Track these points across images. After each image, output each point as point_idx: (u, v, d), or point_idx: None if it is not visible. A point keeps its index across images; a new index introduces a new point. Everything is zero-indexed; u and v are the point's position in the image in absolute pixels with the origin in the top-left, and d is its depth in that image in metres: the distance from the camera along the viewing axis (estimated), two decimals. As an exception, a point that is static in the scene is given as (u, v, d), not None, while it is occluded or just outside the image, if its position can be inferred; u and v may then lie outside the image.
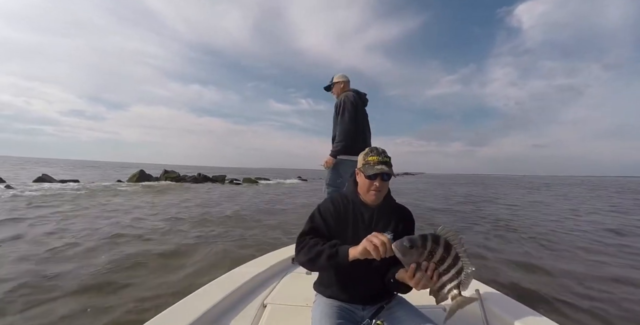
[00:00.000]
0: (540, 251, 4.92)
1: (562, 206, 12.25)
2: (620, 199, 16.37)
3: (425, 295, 1.59)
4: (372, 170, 1.20)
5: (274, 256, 2.22)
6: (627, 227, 7.28)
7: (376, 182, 1.21)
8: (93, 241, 4.61)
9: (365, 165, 1.23)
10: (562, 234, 6.33)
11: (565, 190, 25.49)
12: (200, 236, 5.30)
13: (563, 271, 3.88)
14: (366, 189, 1.24)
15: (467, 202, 13.30)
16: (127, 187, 15.29)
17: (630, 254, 4.83)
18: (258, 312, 1.50)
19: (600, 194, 21.34)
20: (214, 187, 18.45)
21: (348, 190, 1.36)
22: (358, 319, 1.21)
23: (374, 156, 1.24)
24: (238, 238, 5.29)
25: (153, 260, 3.83)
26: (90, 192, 12.17)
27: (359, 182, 1.28)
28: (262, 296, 1.66)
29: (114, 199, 10.28)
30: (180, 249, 4.41)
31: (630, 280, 3.58)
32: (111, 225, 5.92)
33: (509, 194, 19.26)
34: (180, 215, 7.42)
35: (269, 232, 5.92)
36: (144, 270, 3.48)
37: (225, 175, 25.13)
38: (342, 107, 2.59)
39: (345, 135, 2.54)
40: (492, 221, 7.86)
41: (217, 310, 1.43)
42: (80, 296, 2.76)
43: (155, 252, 4.13)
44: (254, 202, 11.04)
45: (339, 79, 2.82)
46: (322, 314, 1.16)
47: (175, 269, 3.58)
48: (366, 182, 1.23)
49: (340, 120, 2.58)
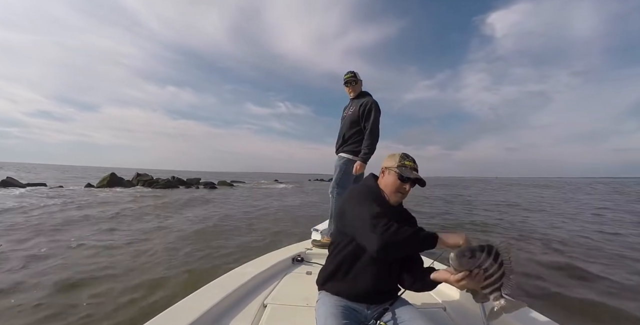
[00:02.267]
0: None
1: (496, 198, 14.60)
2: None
3: (425, 296, 1.69)
4: (411, 174, 1.24)
5: (274, 256, 2.21)
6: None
7: (407, 186, 1.25)
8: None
9: (402, 168, 1.25)
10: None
11: (521, 190, 27.79)
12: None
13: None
14: (394, 189, 1.26)
15: (442, 201, 14.60)
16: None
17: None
18: (258, 312, 1.49)
19: (552, 193, 23.55)
20: (186, 192, 17.58)
21: (369, 183, 1.36)
22: (362, 319, 1.21)
23: (410, 162, 1.28)
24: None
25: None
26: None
27: (386, 181, 1.29)
28: (262, 296, 1.65)
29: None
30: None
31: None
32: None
33: (480, 194, 21.08)
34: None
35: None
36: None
37: (199, 178, 24.70)
38: (373, 111, 2.50)
39: (376, 141, 2.50)
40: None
41: (217, 310, 1.43)
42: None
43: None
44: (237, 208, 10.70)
45: (360, 77, 2.71)
46: (327, 313, 1.14)
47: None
48: (397, 183, 1.25)
49: (373, 128, 2.49)
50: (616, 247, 5.44)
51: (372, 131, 2.47)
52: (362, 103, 2.54)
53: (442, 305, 1.61)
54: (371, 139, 2.47)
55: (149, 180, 20.90)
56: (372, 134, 2.47)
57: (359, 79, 2.67)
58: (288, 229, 6.86)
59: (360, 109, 2.53)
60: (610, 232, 6.80)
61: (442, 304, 1.64)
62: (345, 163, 2.55)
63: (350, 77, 2.65)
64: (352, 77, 2.65)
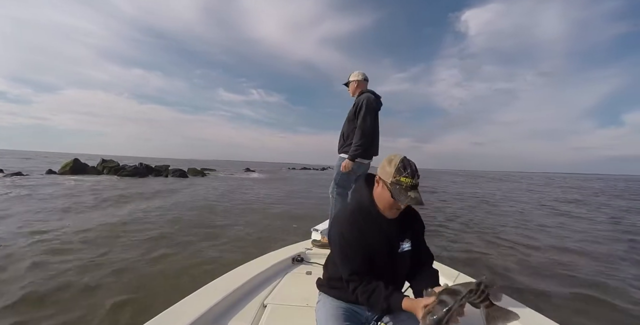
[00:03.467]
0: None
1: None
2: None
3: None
4: (404, 197, 1.05)
5: (274, 256, 2.21)
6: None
7: (402, 205, 1.10)
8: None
9: (396, 186, 1.06)
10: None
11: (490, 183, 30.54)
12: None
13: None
14: (388, 206, 1.12)
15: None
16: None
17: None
18: (258, 312, 1.50)
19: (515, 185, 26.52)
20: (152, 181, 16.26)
21: (362, 198, 1.21)
22: (363, 320, 1.21)
23: (407, 178, 1.05)
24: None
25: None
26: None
27: (380, 194, 1.14)
28: (262, 296, 1.66)
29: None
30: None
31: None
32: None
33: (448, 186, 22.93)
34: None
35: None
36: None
37: (169, 165, 23.64)
38: (363, 109, 2.49)
39: (365, 139, 2.47)
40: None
41: (217, 310, 1.43)
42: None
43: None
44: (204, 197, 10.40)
45: (355, 77, 2.72)
46: (327, 314, 1.15)
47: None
48: (390, 201, 1.10)
49: (360, 123, 2.49)
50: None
51: (359, 127, 2.49)
52: (356, 101, 2.59)
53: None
54: (359, 135, 2.48)
55: (115, 166, 20.20)
56: (359, 129, 2.48)
57: (359, 78, 2.70)
58: (273, 235, 5.63)
59: (354, 107, 2.58)
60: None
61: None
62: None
63: (350, 78, 2.75)
64: (348, 81, 2.76)
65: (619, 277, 3.91)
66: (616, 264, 4.54)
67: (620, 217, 9.30)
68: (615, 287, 3.56)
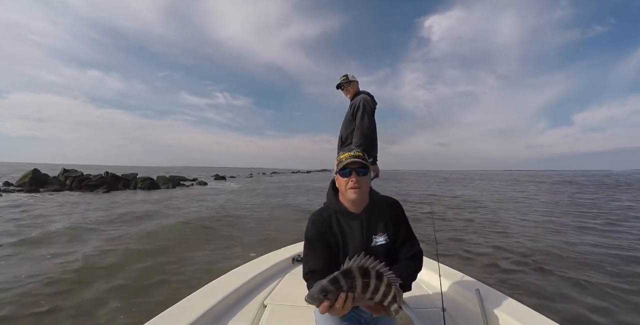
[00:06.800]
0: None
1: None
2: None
3: (425, 297, 1.75)
4: (342, 164, 1.14)
5: (274, 256, 2.21)
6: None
7: (352, 178, 1.13)
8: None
9: (338, 165, 1.17)
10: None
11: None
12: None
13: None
14: (345, 189, 1.16)
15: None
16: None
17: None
18: (258, 312, 1.50)
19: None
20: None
21: (329, 199, 1.28)
22: (362, 321, 1.21)
23: (344, 153, 1.17)
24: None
25: None
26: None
27: (338, 185, 1.20)
28: (262, 296, 1.66)
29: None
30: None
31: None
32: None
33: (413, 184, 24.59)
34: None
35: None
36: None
37: (137, 173, 21.71)
38: (361, 109, 2.47)
39: (365, 139, 2.45)
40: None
41: (217, 310, 1.44)
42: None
43: None
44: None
45: (352, 79, 2.68)
46: (327, 315, 1.16)
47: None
48: (342, 182, 1.15)
49: (359, 123, 2.46)
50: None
51: (358, 127, 2.47)
52: (353, 103, 2.57)
53: (441, 306, 1.60)
54: (358, 135, 2.45)
55: (78, 177, 18.64)
56: (358, 130, 2.47)
57: (352, 79, 2.67)
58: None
59: (352, 109, 2.56)
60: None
61: (441, 305, 1.63)
62: None
63: (343, 80, 2.68)
64: (344, 79, 2.68)
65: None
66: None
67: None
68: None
